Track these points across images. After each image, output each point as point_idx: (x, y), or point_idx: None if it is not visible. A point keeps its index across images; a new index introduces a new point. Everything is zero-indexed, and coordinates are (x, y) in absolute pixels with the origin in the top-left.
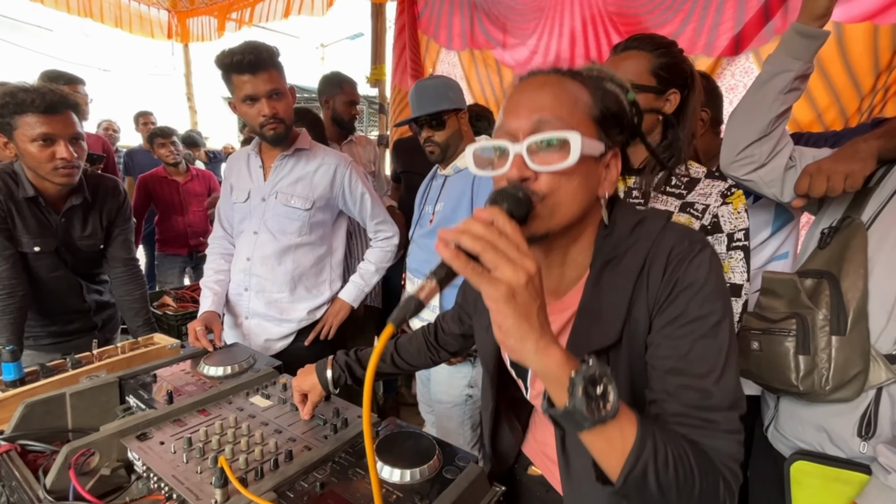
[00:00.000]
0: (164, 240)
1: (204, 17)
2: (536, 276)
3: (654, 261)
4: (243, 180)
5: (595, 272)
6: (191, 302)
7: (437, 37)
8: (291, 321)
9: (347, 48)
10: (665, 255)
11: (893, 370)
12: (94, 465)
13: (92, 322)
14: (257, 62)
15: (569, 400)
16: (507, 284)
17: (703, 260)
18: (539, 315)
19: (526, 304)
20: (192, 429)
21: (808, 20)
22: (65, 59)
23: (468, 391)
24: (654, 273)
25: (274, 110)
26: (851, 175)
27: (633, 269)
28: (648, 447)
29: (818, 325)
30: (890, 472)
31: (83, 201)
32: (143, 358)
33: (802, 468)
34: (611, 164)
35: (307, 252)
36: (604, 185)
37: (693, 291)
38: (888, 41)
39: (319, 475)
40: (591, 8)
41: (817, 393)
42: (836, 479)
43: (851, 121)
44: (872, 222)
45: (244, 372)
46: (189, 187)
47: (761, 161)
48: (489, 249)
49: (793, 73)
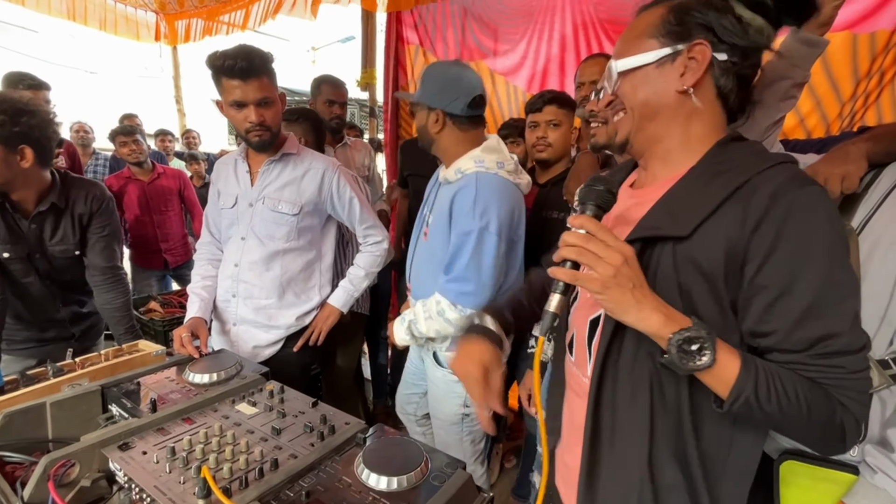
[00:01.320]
0: (137, 252)
1: (193, 19)
2: (624, 264)
3: (761, 185)
4: (230, 185)
5: (694, 174)
6: (178, 307)
7: (434, 50)
8: (280, 327)
9: (338, 51)
10: (774, 183)
11: (886, 375)
12: (75, 477)
13: (69, 332)
14: (249, 69)
15: (667, 356)
16: (599, 280)
17: (813, 196)
18: (635, 293)
19: (620, 289)
20: (176, 438)
21: (811, 27)
22: (51, 60)
23: (464, 410)
24: (759, 197)
25: (261, 118)
26: (848, 176)
27: (734, 183)
28: (749, 385)
29: None
30: (877, 471)
31: (51, 206)
32: (126, 365)
33: (791, 468)
34: (695, 54)
35: (296, 257)
36: (681, 78)
37: (808, 228)
38: (866, 50)
39: (305, 484)
40: (583, 14)
41: None
42: (825, 479)
43: (832, 126)
44: (863, 228)
45: (230, 379)
46: (156, 186)
47: None
48: (582, 254)
49: (790, 81)
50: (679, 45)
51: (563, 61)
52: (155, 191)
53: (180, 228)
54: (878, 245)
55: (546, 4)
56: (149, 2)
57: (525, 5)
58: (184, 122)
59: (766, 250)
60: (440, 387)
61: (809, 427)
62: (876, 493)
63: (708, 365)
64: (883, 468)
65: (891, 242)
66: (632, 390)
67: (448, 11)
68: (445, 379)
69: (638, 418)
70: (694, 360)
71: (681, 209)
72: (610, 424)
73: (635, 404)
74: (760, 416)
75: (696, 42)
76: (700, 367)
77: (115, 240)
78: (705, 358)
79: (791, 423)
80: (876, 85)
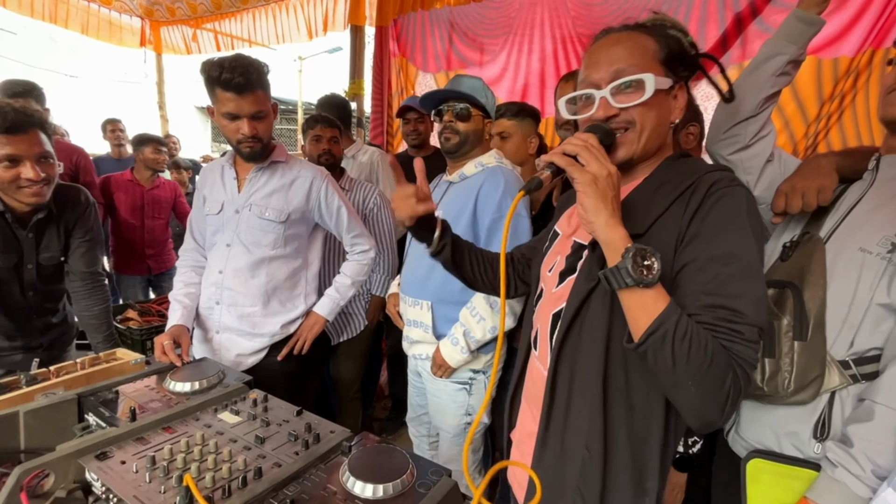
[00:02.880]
0: (120, 257)
1: (180, 26)
2: (615, 175)
3: (702, 183)
4: (217, 192)
5: (647, 183)
6: (156, 316)
7: (413, 59)
8: (264, 335)
9: (325, 61)
10: (711, 181)
11: (846, 375)
12: (49, 488)
13: (37, 342)
14: (245, 84)
15: (620, 260)
16: (592, 174)
17: (739, 194)
18: (613, 202)
19: (604, 190)
20: (156, 447)
21: (808, 5)
22: (30, 63)
23: (466, 419)
24: (698, 192)
25: (254, 131)
26: (823, 190)
27: (679, 188)
28: (672, 319)
29: (783, 331)
30: (837, 465)
31: (48, 214)
32: (104, 374)
33: (757, 465)
34: (678, 94)
35: (281, 265)
36: (674, 112)
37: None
38: (830, 74)
39: (290, 492)
40: (562, 28)
41: (780, 395)
42: (788, 476)
43: (799, 144)
44: (829, 237)
45: (213, 387)
46: (154, 194)
47: (745, 142)
48: (584, 151)
49: (787, 56)
50: (672, 80)
51: (544, 73)
52: (152, 198)
53: (165, 237)
54: (842, 253)
55: (526, 18)
56: (134, 7)
57: (505, 17)
58: (167, 129)
59: (693, 232)
60: (442, 398)
61: (703, 383)
62: (836, 486)
63: (653, 281)
64: (843, 462)
65: (852, 252)
66: (586, 370)
67: (428, 21)
68: (447, 389)
69: (590, 395)
70: (644, 272)
71: (637, 212)
72: (565, 402)
73: (589, 383)
74: (668, 358)
75: (681, 84)
76: (647, 281)
77: (97, 245)
78: (653, 274)
79: (691, 372)
80: (837, 107)
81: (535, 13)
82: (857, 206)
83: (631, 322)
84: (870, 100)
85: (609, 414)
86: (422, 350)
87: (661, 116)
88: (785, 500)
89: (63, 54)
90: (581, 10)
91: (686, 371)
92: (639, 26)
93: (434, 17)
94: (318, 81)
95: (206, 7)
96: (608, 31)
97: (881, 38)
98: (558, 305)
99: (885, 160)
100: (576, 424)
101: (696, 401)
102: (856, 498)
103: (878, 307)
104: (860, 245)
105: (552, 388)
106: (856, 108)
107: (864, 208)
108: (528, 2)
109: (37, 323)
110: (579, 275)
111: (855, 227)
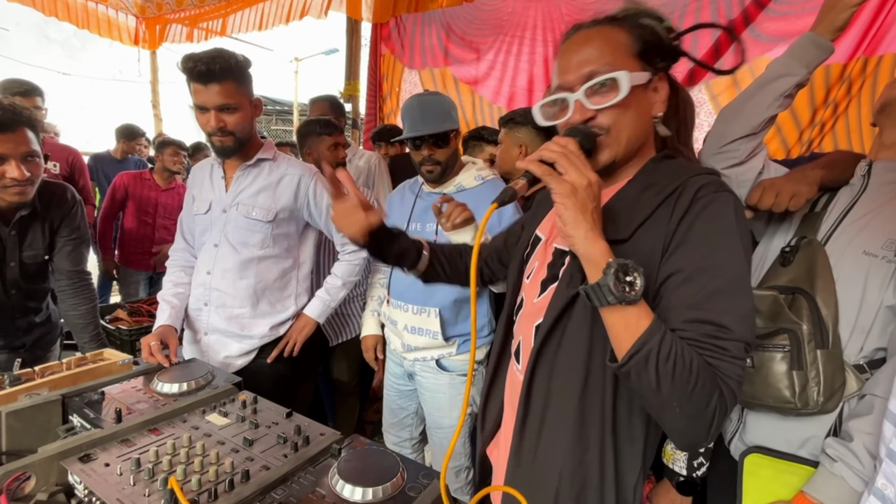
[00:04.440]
0: (127, 251)
1: (174, 25)
2: (595, 184)
3: (688, 188)
4: (205, 191)
5: (631, 185)
6: (146, 316)
7: (400, 57)
8: (253, 337)
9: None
10: (697, 185)
11: (862, 379)
12: (30, 490)
13: (19, 342)
14: (208, 73)
15: (602, 277)
16: (571, 183)
17: (727, 200)
18: (593, 213)
19: (583, 201)
20: (142, 449)
21: (825, 31)
22: (23, 60)
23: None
24: (684, 197)
25: (221, 123)
26: (797, 195)
27: (664, 192)
28: (656, 338)
29: (805, 340)
30: (836, 460)
31: (32, 211)
32: (90, 374)
33: (755, 460)
34: (658, 87)
35: (271, 265)
36: (656, 105)
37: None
38: (822, 81)
39: (278, 496)
40: (554, 32)
41: (811, 407)
42: (786, 471)
43: (792, 150)
44: (826, 242)
45: (201, 389)
46: (168, 196)
47: (741, 158)
48: (562, 158)
49: (797, 78)
50: (649, 73)
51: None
52: (167, 199)
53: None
54: (843, 256)
55: (518, 21)
56: (129, 5)
57: (496, 19)
58: (160, 128)
59: (679, 240)
60: (445, 392)
61: (689, 403)
62: (833, 480)
63: (636, 298)
64: (842, 457)
65: (856, 255)
66: (564, 387)
67: (419, 20)
68: (453, 382)
69: (566, 415)
70: (626, 289)
71: (620, 216)
72: (540, 414)
73: (566, 401)
74: (652, 378)
75: (661, 75)
76: (630, 299)
77: (83, 243)
78: (636, 291)
79: (676, 393)
80: (831, 115)
81: (528, 16)
82: (853, 211)
83: (613, 340)
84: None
85: (585, 437)
86: (426, 354)
87: (641, 113)
88: (781, 495)
89: (56, 52)
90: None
91: (671, 392)
92: (609, 20)
93: (428, 17)
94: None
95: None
96: (578, 28)
97: (874, 45)
98: (540, 317)
99: (878, 166)
100: (550, 449)
101: (683, 422)
102: (853, 492)
103: (887, 309)
104: (864, 248)
105: (527, 402)
106: (849, 117)
107: (861, 212)
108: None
109: (20, 322)
110: (560, 283)
111: (854, 231)
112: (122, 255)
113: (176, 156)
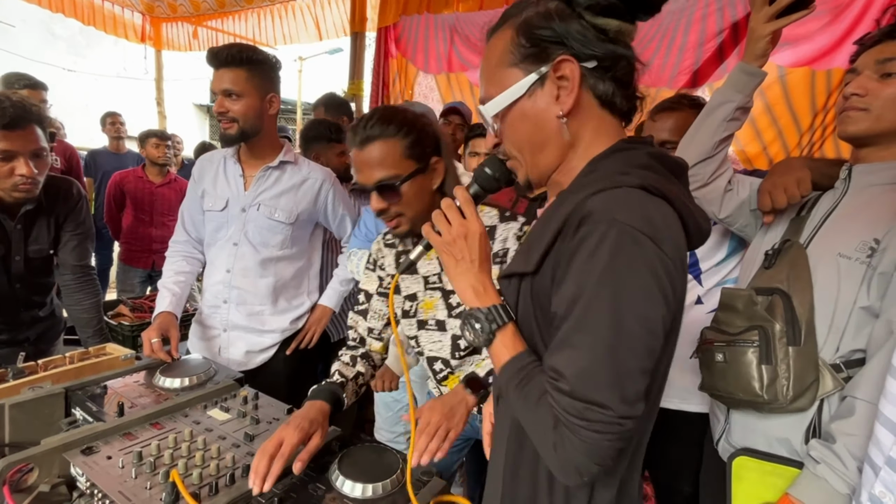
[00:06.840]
0: (127, 248)
1: (180, 23)
2: (462, 238)
3: (572, 216)
4: (220, 187)
5: (550, 207)
6: (148, 312)
7: (414, 60)
8: (275, 331)
9: (326, 62)
10: (579, 217)
11: (839, 379)
12: (33, 482)
13: (23, 335)
14: (219, 57)
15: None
16: (439, 242)
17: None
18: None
19: (452, 255)
20: (144, 442)
21: (749, 59)
22: (28, 56)
23: None
24: (568, 229)
25: (223, 108)
26: (802, 180)
27: (564, 214)
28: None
29: (777, 337)
30: (820, 462)
31: (37, 205)
32: (93, 369)
33: (742, 463)
34: (564, 72)
35: (287, 265)
36: (561, 99)
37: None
38: (823, 85)
39: (277, 490)
40: None
41: (780, 402)
42: (772, 473)
43: (793, 153)
44: (808, 244)
45: (203, 384)
46: (163, 191)
47: (704, 180)
48: (436, 218)
49: (734, 104)
50: (542, 68)
51: None
52: (163, 194)
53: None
54: (822, 258)
55: None
56: (136, 3)
57: None
58: (164, 125)
59: (560, 277)
60: None
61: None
62: (817, 482)
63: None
64: (825, 459)
65: (831, 257)
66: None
67: (431, 24)
68: None
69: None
70: (467, 333)
71: (533, 245)
72: None
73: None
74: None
75: (560, 59)
76: (472, 342)
77: (87, 238)
78: (478, 337)
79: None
80: (832, 119)
81: None
82: (833, 214)
83: None
84: None
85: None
86: None
87: (539, 121)
88: (768, 498)
89: (62, 49)
90: None
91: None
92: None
93: (436, 20)
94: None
95: (210, 5)
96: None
97: None
98: None
99: (857, 169)
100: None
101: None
102: (836, 494)
103: (860, 310)
104: (839, 251)
105: None
106: None
107: (840, 214)
108: None
109: (24, 316)
110: None
111: (832, 234)
112: (120, 252)
113: (158, 147)
